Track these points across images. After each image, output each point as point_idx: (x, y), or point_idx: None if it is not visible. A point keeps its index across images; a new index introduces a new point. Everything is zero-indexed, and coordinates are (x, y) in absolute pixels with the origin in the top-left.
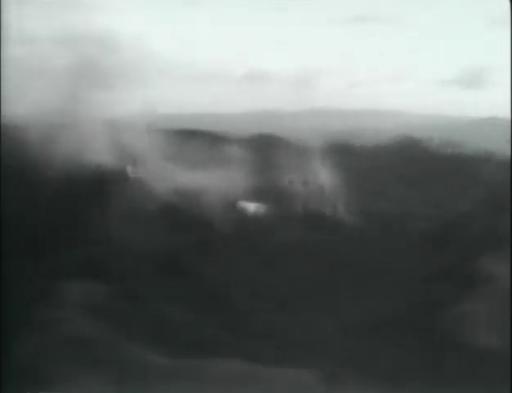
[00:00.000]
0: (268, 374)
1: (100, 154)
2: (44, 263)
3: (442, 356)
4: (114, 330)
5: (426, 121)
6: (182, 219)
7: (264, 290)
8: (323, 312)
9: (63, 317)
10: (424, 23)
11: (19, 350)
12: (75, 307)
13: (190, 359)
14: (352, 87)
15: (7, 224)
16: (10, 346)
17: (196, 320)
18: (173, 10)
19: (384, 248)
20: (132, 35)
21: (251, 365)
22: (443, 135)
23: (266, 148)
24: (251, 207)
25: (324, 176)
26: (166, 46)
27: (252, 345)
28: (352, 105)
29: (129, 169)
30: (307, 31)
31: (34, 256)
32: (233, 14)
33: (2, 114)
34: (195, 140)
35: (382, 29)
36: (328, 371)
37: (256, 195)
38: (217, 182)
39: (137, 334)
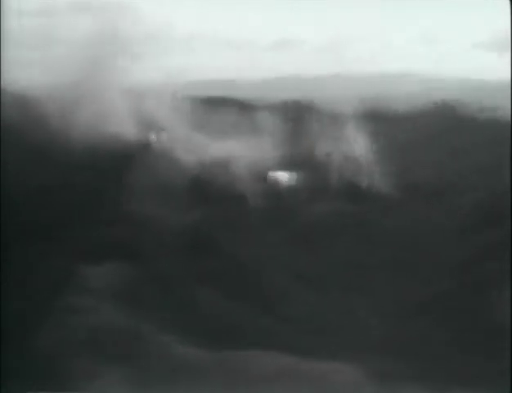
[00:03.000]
0: (308, 368)
1: (123, 124)
2: (63, 244)
3: (490, 342)
4: (144, 318)
5: (460, 85)
6: (210, 192)
7: (298, 268)
8: (360, 293)
9: (85, 305)
10: None
11: (37, 342)
12: (98, 293)
13: (224, 350)
14: (382, 51)
15: (23, 201)
16: (27, 339)
17: (228, 303)
18: None
19: (426, 222)
20: (156, 2)
21: (289, 357)
22: (480, 100)
23: (296, 115)
24: (283, 177)
25: (358, 144)
26: (190, 13)
27: (287, 331)
28: (381, 69)
29: (154, 139)
30: None
31: (51, 237)
32: None
33: (23, 85)
34: (223, 107)
35: None
36: (369, 364)
37: (287, 165)
38: (246, 151)
39: (169, 322)
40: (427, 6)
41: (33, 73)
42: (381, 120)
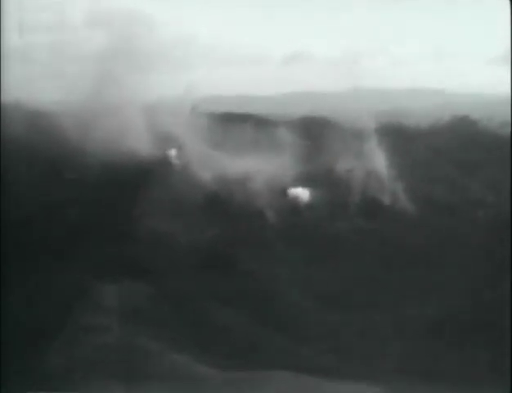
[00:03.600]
0: (329, 389)
1: (139, 140)
2: (77, 261)
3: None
4: (157, 337)
5: (478, 100)
6: (228, 208)
7: (317, 286)
8: (382, 312)
9: (99, 323)
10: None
11: (50, 360)
12: (112, 311)
13: (241, 370)
14: (396, 66)
15: (38, 218)
16: (40, 356)
17: (245, 322)
18: None
19: (446, 239)
20: (171, 17)
21: (308, 377)
22: (500, 115)
23: (314, 130)
24: (302, 194)
25: (378, 160)
26: (205, 28)
27: (305, 351)
28: (398, 84)
29: (171, 155)
30: (346, 12)
31: (66, 254)
32: None
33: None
34: (241, 123)
35: (422, 7)
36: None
37: (306, 181)
38: (265, 168)
39: (183, 341)
40: (439, 19)
41: (48, 89)
42: (399, 136)
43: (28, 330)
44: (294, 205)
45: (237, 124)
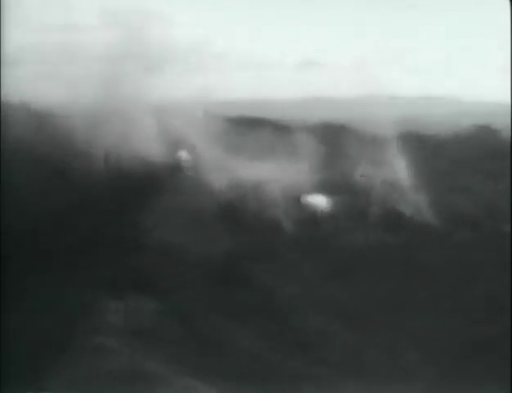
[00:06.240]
0: None
1: (149, 144)
2: (81, 274)
3: None
4: (166, 359)
5: (492, 109)
6: (242, 218)
7: (335, 304)
8: (403, 333)
9: (103, 343)
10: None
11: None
12: (118, 329)
13: None
14: (408, 73)
15: (39, 226)
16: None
17: (258, 343)
18: None
19: (472, 254)
20: (185, 19)
21: None
22: None
23: (331, 137)
24: (320, 202)
25: (399, 169)
26: (219, 32)
27: (323, 376)
28: (410, 91)
29: (182, 161)
30: (361, 18)
31: (70, 265)
32: (286, 2)
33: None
34: (255, 128)
35: (432, 14)
36: None
37: (324, 189)
38: (280, 174)
39: (191, 364)
40: (453, 27)
41: (55, 89)
42: (421, 144)
43: (27, 350)
44: (312, 214)
45: (252, 128)
